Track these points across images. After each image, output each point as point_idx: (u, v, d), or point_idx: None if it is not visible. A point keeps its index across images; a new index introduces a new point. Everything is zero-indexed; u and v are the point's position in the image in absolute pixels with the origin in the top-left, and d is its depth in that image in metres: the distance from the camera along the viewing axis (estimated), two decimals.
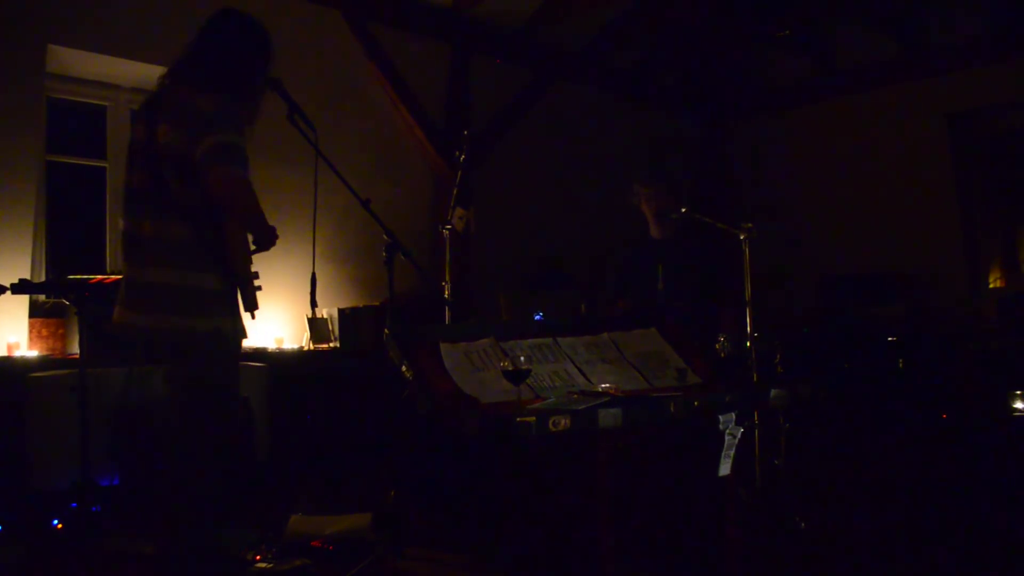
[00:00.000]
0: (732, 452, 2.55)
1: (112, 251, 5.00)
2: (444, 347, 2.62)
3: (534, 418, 2.10)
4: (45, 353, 4.41)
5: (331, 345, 5.31)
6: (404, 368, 2.55)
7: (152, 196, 2.35)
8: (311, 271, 3.02)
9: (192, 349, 2.35)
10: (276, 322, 5.32)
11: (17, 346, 4.32)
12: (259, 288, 2.53)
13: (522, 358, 2.43)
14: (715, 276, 4.10)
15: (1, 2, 4.41)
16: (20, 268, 4.35)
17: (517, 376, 2.38)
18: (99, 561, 3.14)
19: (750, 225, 3.62)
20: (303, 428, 4.85)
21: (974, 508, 3.80)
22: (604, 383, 2.64)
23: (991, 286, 6.80)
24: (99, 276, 4.03)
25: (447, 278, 4.06)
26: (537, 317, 3.93)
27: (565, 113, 6.99)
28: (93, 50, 4.67)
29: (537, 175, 6.78)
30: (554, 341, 2.82)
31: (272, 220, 2.84)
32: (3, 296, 3.57)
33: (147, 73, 4.96)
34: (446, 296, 3.97)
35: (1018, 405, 4.63)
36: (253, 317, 2.54)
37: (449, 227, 4.19)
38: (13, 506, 3.67)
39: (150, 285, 2.33)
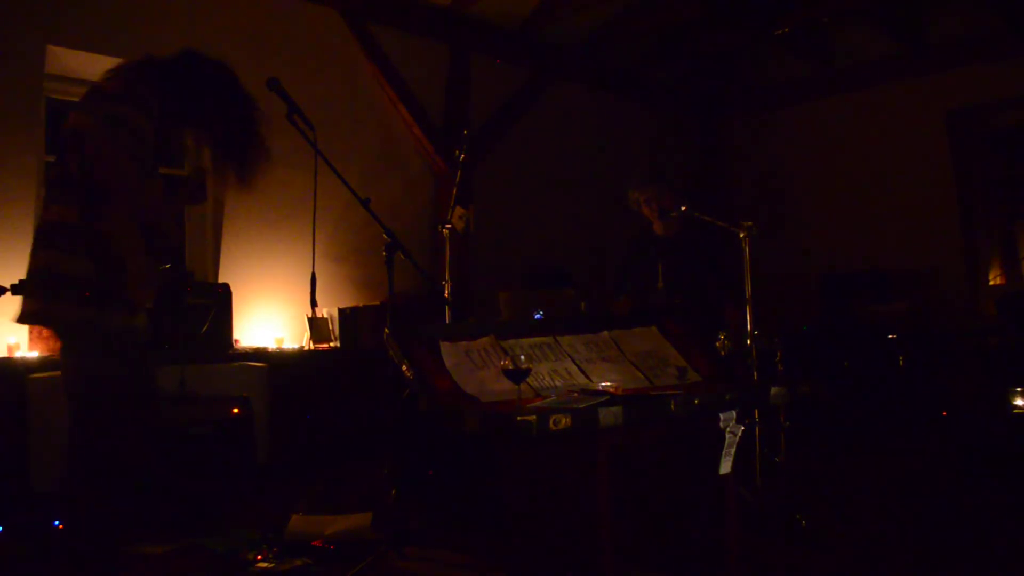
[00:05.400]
0: (732, 450, 2.54)
1: None
2: (444, 346, 2.62)
3: (534, 417, 2.10)
4: (45, 354, 4.40)
5: (331, 345, 5.31)
6: (404, 367, 2.55)
7: (55, 183, 2.32)
8: (311, 271, 3.01)
9: (71, 338, 2.31)
10: (276, 322, 5.32)
11: (17, 347, 4.32)
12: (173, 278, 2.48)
13: (522, 357, 2.43)
14: (718, 273, 4.10)
15: (0, 3, 4.41)
16: (20, 269, 4.33)
17: (517, 375, 2.38)
18: (100, 562, 3.14)
19: (750, 223, 3.61)
20: (303, 428, 4.84)
21: (974, 505, 3.81)
22: (604, 381, 2.64)
23: (991, 283, 6.80)
24: None
25: (447, 277, 4.07)
26: (537, 316, 3.93)
27: (564, 111, 6.99)
28: (93, 50, 4.66)
29: (536, 173, 6.78)
30: (554, 340, 2.82)
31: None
32: (3, 297, 3.56)
33: None
34: (446, 295, 3.98)
35: (1018, 402, 4.62)
36: (134, 312, 2.35)
37: (449, 226, 4.19)
38: (13, 507, 3.67)
39: (32, 272, 2.32)
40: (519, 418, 2.10)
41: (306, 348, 5.27)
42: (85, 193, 2.23)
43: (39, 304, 2.28)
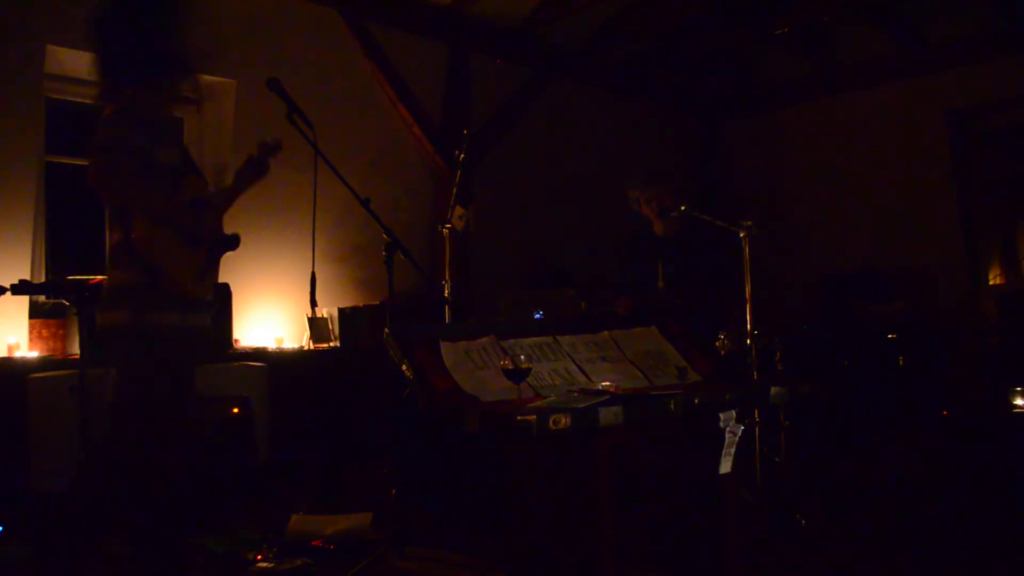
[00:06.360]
0: (732, 450, 2.54)
1: None
2: (444, 346, 2.62)
3: (535, 416, 2.10)
4: (45, 354, 4.40)
5: (331, 344, 5.31)
6: (404, 367, 2.55)
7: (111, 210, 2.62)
8: (311, 270, 3.01)
9: (115, 342, 2.51)
10: (276, 322, 5.32)
11: (17, 347, 4.32)
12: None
13: (522, 356, 2.43)
14: (718, 273, 4.10)
15: (0, 3, 4.40)
16: (20, 268, 4.35)
17: (518, 375, 2.38)
18: (99, 561, 3.14)
19: (750, 223, 3.61)
20: (303, 428, 4.84)
21: (974, 505, 3.81)
22: (604, 381, 2.64)
23: (991, 283, 6.80)
24: (99, 276, 4.02)
25: (447, 277, 4.07)
26: (537, 316, 3.93)
27: (564, 111, 6.99)
28: (93, 50, 4.65)
29: (536, 173, 6.78)
30: (554, 339, 2.82)
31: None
32: (3, 297, 3.56)
33: None
34: (446, 295, 3.98)
35: (1018, 402, 4.63)
36: (189, 310, 2.54)
37: (449, 226, 4.19)
38: (13, 506, 3.67)
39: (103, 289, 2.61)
40: (519, 418, 2.10)
41: (306, 348, 5.27)
42: (118, 212, 2.53)
43: (98, 315, 2.57)
